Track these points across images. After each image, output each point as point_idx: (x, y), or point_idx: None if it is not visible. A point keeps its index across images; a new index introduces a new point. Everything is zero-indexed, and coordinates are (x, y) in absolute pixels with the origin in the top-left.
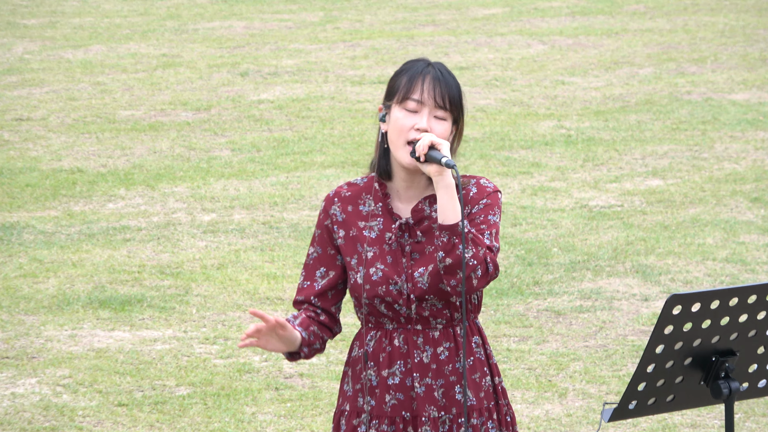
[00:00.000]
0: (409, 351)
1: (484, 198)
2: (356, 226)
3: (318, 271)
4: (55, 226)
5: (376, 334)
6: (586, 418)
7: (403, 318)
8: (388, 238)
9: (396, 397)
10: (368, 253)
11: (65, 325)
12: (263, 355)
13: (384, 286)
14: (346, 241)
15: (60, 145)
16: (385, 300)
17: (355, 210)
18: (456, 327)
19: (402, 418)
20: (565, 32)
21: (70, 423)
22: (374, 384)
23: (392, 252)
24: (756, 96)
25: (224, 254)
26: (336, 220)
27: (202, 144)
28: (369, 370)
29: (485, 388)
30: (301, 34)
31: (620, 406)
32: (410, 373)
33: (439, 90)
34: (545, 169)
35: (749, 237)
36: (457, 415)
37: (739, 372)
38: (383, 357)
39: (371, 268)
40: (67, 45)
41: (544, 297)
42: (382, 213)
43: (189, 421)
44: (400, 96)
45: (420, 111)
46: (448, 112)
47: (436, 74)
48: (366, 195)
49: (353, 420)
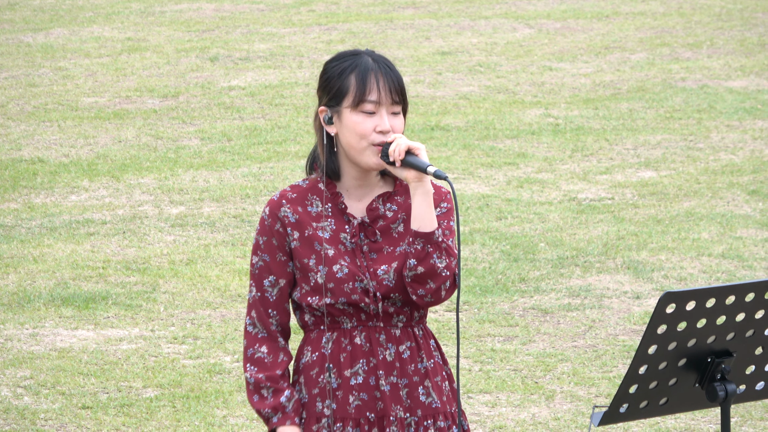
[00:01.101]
0: (372, 349)
1: (443, 201)
2: (310, 225)
3: (266, 280)
4: (14, 219)
5: (333, 335)
6: (574, 422)
7: (364, 315)
8: (344, 239)
9: (360, 397)
10: (328, 251)
11: (26, 323)
12: (234, 355)
13: (351, 283)
14: (301, 243)
15: (20, 133)
16: (350, 298)
17: (305, 211)
18: (414, 327)
19: (367, 420)
20: (552, 15)
21: (31, 426)
22: (335, 386)
23: (349, 252)
24: (754, 83)
25: (193, 249)
26: (288, 222)
27: (169, 133)
28: (327, 374)
29: (446, 392)
30: (274, 16)
31: (611, 409)
32: (374, 371)
33: (392, 86)
34: (532, 159)
35: (746, 231)
36: (422, 417)
37: (735, 374)
38: (344, 357)
39: (335, 266)
40: (27, 28)
41: (530, 294)
42: (332, 213)
43: (157, 424)
44: (354, 99)
45: (377, 111)
46: (401, 105)
47: (385, 69)
48: (312, 196)
49: (312, 426)
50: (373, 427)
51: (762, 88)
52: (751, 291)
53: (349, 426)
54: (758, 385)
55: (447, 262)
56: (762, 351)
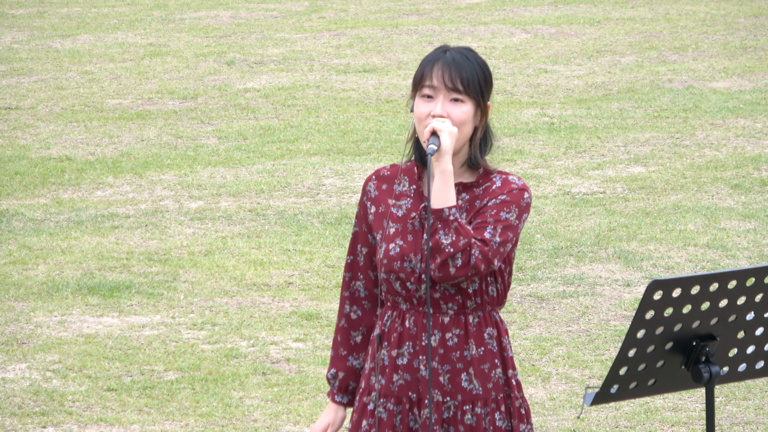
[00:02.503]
0: (418, 333)
1: (504, 194)
2: (386, 203)
3: (357, 245)
4: (44, 214)
5: (392, 314)
6: (569, 401)
7: (415, 299)
8: (413, 218)
9: (403, 377)
10: (390, 229)
11: (54, 311)
12: (250, 340)
13: (399, 261)
14: (375, 217)
15: (48, 133)
16: (399, 276)
17: (389, 188)
18: (468, 315)
19: (408, 399)
20: (547, 21)
21: (60, 407)
22: (386, 363)
23: (413, 231)
24: (736, 84)
25: (211, 241)
26: (370, 197)
27: (189, 132)
28: (383, 350)
29: (494, 379)
30: (286, 23)
31: (602, 390)
32: (417, 355)
33: (449, 74)
34: (528, 156)
35: (730, 223)
36: (462, 402)
37: (719, 356)
38: (394, 337)
39: (390, 243)
40: (55, 34)
41: (527, 283)
42: (413, 194)
43: (177, 405)
44: (416, 85)
45: (436, 97)
46: (465, 95)
47: (449, 59)
48: (403, 176)
49: (364, 397)
50: (414, 406)
51: (744, 89)
52: (733, 279)
53: (391, 403)
54: (740, 366)
55: (453, 240)
56: (744, 335)
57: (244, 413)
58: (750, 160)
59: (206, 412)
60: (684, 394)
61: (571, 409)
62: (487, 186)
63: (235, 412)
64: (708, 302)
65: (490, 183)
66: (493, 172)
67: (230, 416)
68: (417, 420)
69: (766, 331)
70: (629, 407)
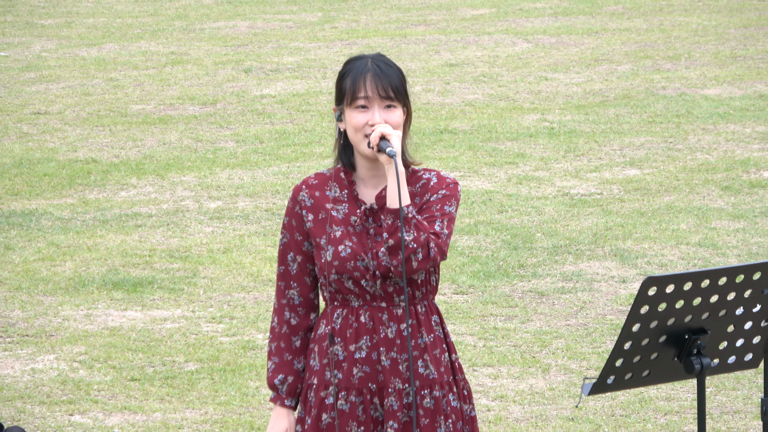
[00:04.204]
0: (375, 327)
1: (443, 188)
2: (324, 208)
3: (288, 255)
4: (71, 213)
5: (343, 312)
6: (567, 391)
7: (368, 295)
8: (354, 221)
9: (363, 369)
10: (336, 232)
11: (81, 305)
12: (266, 333)
13: (352, 261)
14: (315, 224)
15: (75, 137)
16: (353, 275)
17: (323, 195)
18: (417, 305)
19: (369, 390)
20: (548, 31)
21: (86, 396)
22: (341, 358)
23: (357, 234)
24: (727, 91)
25: (229, 239)
26: (305, 206)
27: (208, 136)
28: (336, 346)
29: (444, 363)
30: (300, 33)
31: (599, 380)
32: (376, 347)
33: (381, 84)
34: (530, 159)
35: (720, 223)
36: (420, 387)
37: (710, 349)
38: (350, 333)
39: (339, 245)
40: (82, 43)
41: (528, 279)
42: (347, 199)
43: (197, 394)
44: (349, 98)
45: (370, 107)
46: (396, 101)
47: (375, 70)
48: (332, 183)
49: (321, 392)
50: (374, 396)
51: (734, 96)
52: (723, 276)
53: (352, 395)
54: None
55: (414, 236)
56: (733, 329)
57: (260, 402)
58: (739, 164)
59: (224, 401)
60: (676, 385)
61: (569, 398)
62: (424, 183)
63: (251, 400)
64: (699, 298)
65: (425, 181)
66: (419, 170)
67: (247, 404)
68: (378, 409)
69: (754, 325)
70: (625, 397)
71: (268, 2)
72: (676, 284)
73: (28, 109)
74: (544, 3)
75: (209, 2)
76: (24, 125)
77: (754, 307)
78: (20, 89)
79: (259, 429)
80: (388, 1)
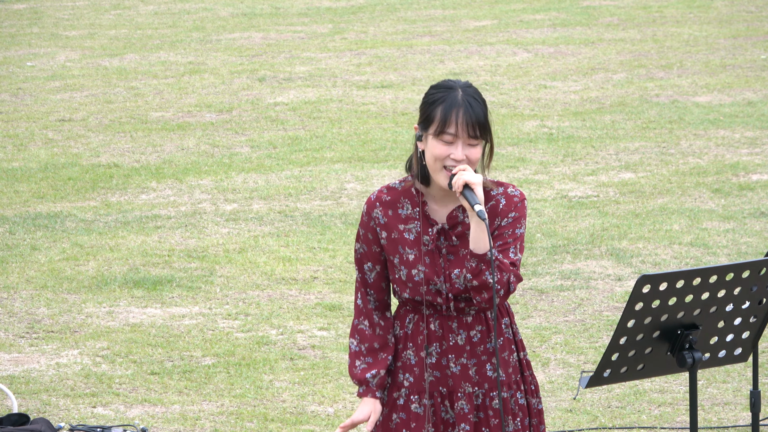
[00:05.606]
0: (444, 334)
1: (512, 210)
2: (397, 228)
3: (365, 265)
4: (94, 215)
5: (414, 318)
6: (566, 384)
7: (439, 307)
8: (426, 241)
9: (433, 374)
10: (409, 255)
11: (103, 302)
12: (279, 329)
13: (425, 286)
14: (388, 242)
15: (98, 143)
16: (425, 299)
17: (395, 213)
18: (487, 312)
19: (440, 393)
20: (547, 42)
21: (108, 389)
22: (413, 363)
23: (429, 253)
24: (717, 98)
25: (245, 240)
26: (379, 223)
27: (224, 142)
28: (408, 351)
29: (513, 363)
30: (312, 44)
31: (596, 374)
32: (446, 354)
33: (470, 122)
34: (530, 163)
35: (711, 224)
36: (488, 389)
37: (701, 343)
38: (420, 339)
39: (413, 270)
40: (105, 54)
41: (528, 277)
42: (419, 217)
43: (214, 387)
44: (436, 129)
45: (455, 142)
46: (481, 138)
47: (467, 107)
48: (404, 199)
49: (393, 393)
50: (444, 399)
51: (724, 103)
52: (714, 274)
53: (424, 398)
54: (720, 353)
55: (498, 277)
56: (724, 324)
57: (274, 394)
58: (729, 167)
59: (240, 394)
60: (669, 378)
61: (568, 391)
62: (493, 206)
63: (265, 393)
64: (691, 295)
65: (494, 203)
66: (492, 188)
67: (261, 397)
68: (449, 411)
69: (743, 320)
70: (620, 389)
71: (281, 14)
72: (669, 282)
73: (53, 117)
74: (544, 15)
75: (225, 14)
76: (49, 132)
77: (743, 303)
78: (46, 97)
79: (272, 420)
80: (394, 14)
